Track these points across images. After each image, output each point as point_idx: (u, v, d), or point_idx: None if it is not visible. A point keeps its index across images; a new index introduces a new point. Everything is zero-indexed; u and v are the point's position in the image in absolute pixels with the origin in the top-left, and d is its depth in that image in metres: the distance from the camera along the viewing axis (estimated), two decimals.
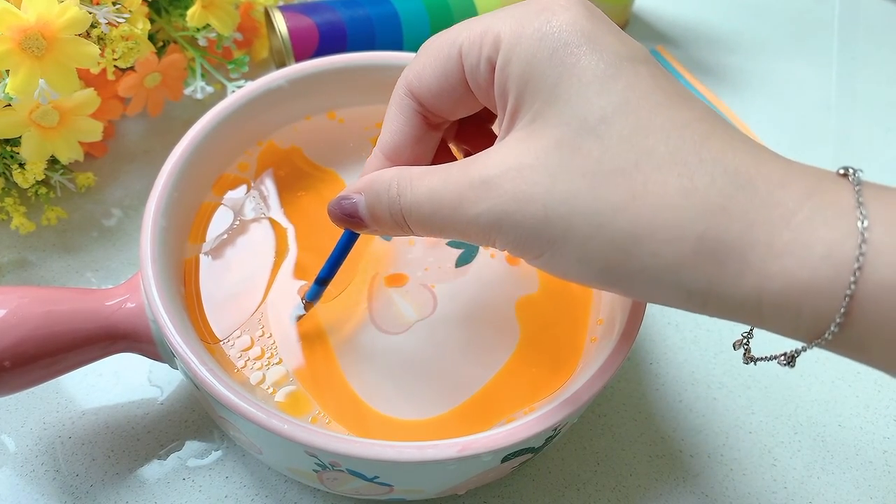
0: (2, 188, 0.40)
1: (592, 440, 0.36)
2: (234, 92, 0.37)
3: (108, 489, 0.33)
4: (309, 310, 0.32)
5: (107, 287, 0.34)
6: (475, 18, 0.25)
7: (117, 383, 0.36)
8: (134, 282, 0.31)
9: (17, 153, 0.39)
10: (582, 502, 0.34)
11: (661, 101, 0.22)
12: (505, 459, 0.28)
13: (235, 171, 0.37)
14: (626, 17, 0.57)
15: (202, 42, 0.43)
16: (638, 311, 0.30)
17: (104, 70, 0.38)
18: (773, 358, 0.24)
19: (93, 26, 0.36)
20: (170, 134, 0.46)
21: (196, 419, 0.35)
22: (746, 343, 0.26)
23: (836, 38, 0.59)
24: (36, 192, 0.41)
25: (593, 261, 0.22)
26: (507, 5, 0.24)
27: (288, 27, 0.44)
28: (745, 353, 0.26)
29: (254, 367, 0.31)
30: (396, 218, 0.26)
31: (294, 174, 0.38)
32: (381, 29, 0.45)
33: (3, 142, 0.39)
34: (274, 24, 0.44)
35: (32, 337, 0.29)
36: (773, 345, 0.25)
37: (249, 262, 0.34)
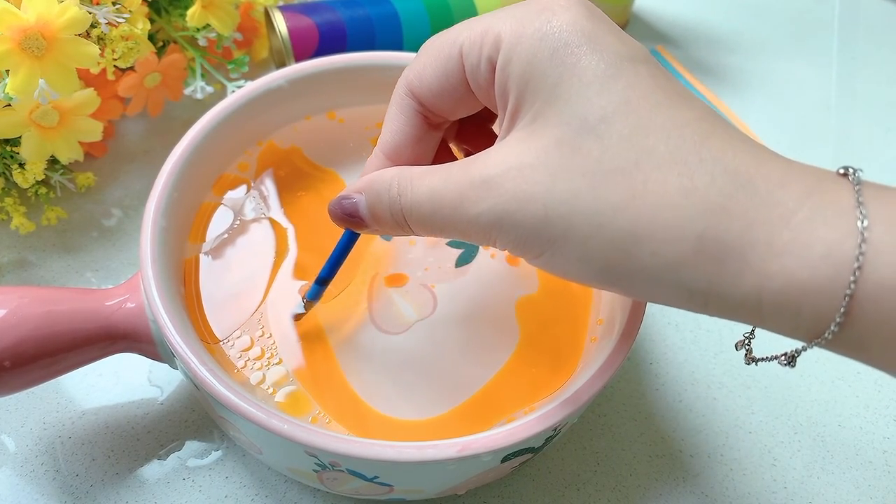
0: (2, 188, 0.40)
1: (592, 440, 0.36)
2: (234, 92, 0.37)
3: (108, 489, 0.33)
4: (309, 309, 0.32)
5: (107, 287, 0.34)
6: (476, 18, 0.25)
7: (117, 383, 0.36)
8: (134, 282, 0.31)
9: (17, 153, 0.39)
10: (582, 502, 0.34)
11: (662, 100, 0.22)
12: (505, 459, 0.28)
13: (235, 171, 0.37)
14: (626, 17, 0.57)
15: (202, 42, 0.43)
16: (638, 311, 0.30)
17: (104, 70, 0.38)
18: (774, 358, 0.24)
19: (93, 26, 0.36)
20: (170, 134, 0.46)
21: (196, 419, 0.35)
22: (748, 344, 0.26)
23: (836, 38, 0.59)
24: (36, 192, 0.41)
25: (593, 260, 0.22)
26: (508, 5, 0.24)
27: (288, 27, 0.44)
28: (746, 353, 0.26)
29: (254, 368, 0.31)
30: (397, 217, 0.26)
31: (294, 174, 0.38)
32: (381, 29, 0.45)
33: (3, 142, 0.39)
34: (274, 24, 0.44)
35: (32, 337, 0.29)
36: (774, 345, 0.25)
37: (249, 262, 0.34)
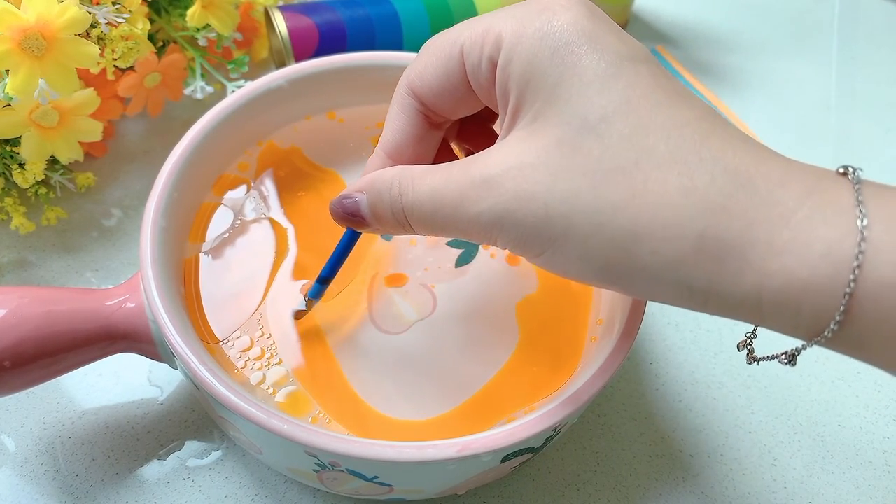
0: (2, 188, 0.40)
1: (592, 440, 0.36)
2: (234, 92, 0.37)
3: (108, 489, 0.33)
4: (311, 307, 0.32)
5: (107, 287, 0.34)
6: (476, 18, 0.25)
7: (117, 383, 0.36)
8: (134, 282, 0.31)
9: (17, 153, 0.39)
10: (582, 502, 0.34)
11: (662, 100, 0.22)
12: (505, 459, 0.28)
13: (235, 171, 0.37)
14: (626, 17, 0.57)
15: (202, 42, 0.43)
16: (638, 310, 0.30)
17: (104, 70, 0.38)
18: (775, 357, 0.24)
19: (93, 26, 0.36)
20: (170, 134, 0.46)
21: (196, 419, 0.35)
22: (750, 343, 0.26)
23: (836, 38, 0.59)
24: (36, 192, 0.41)
25: (594, 259, 0.22)
26: (508, 5, 0.24)
27: (288, 27, 0.44)
28: (748, 353, 0.26)
29: (254, 368, 0.31)
30: (398, 217, 0.26)
31: (294, 174, 0.38)
32: (381, 29, 0.45)
33: (3, 142, 0.39)
34: (274, 24, 0.44)
35: (32, 337, 0.29)
36: (775, 345, 0.25)
37: (249, 262, 0.34)
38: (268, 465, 0.34)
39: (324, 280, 0.31)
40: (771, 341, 0.26)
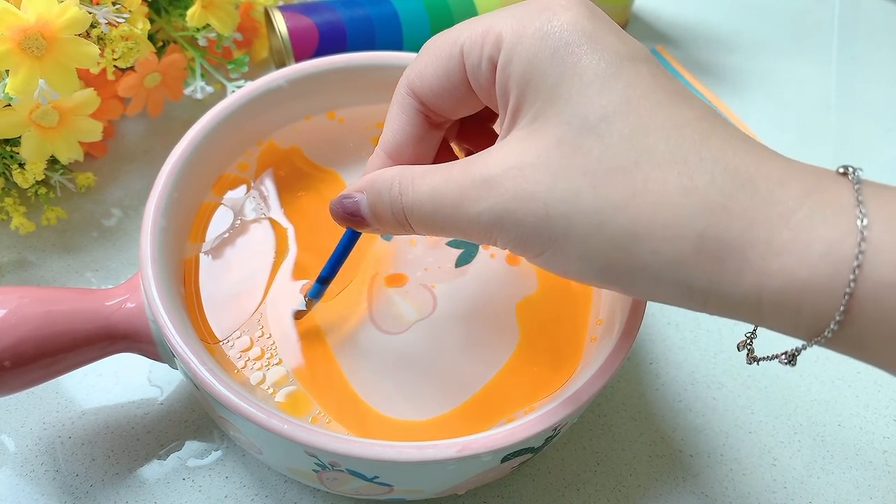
0: (2, 188, 0.40)
1: (592, 440, 0.36)
2: (233, 92, 0.37)
3: (108, 489, 0.33)
4: (311, 307, 0.32)
5: (107, 287, 0.34)
6: (476, 18, 0.25)
7: (117, 383, 0.36)
8: (134, 282, 0.31)
9: (17, 153, 0.39)
10: (582, 502, 0.34)
11: (662, 99, 0.22)
12: (505, 459, 0.28)
13: (235, 171, 0.37)
14: (626, 17, 0.57)
15: (202, 42, 0.43)
16: (638, 310, 0.30)
17: (104, 70, 0.38)
18: (775, 357, 0.24)
19: (93, 26, 0.36)
20: (170, 134, 0.46)
21: (196, 419, 0.35)
22: (750, 343, 0.26)
23: (836, 38, 0.59)
24: (36, 192, 0.41)
25: (594, 259, 0.22)
26: (508, 5, 0.24)
27: (288, 27, 0.44)
28: (748, 353, 0.26)
29: (254, 368, 0.31)
30: (398, 217, 0.26)
31: (294, 174, 0.38)
32: (381, 29, 0.45)
33: (3, 142, 0.39)
34: (274, 24, 0.44)
35: (32, 337, 0.29)
36: (775, 345, 0.25)
37: (249, 262, 0.34)
38: (268, 465, 0.34)
39: (324, 280, 0.31)
40: (771, 341, 0.26)
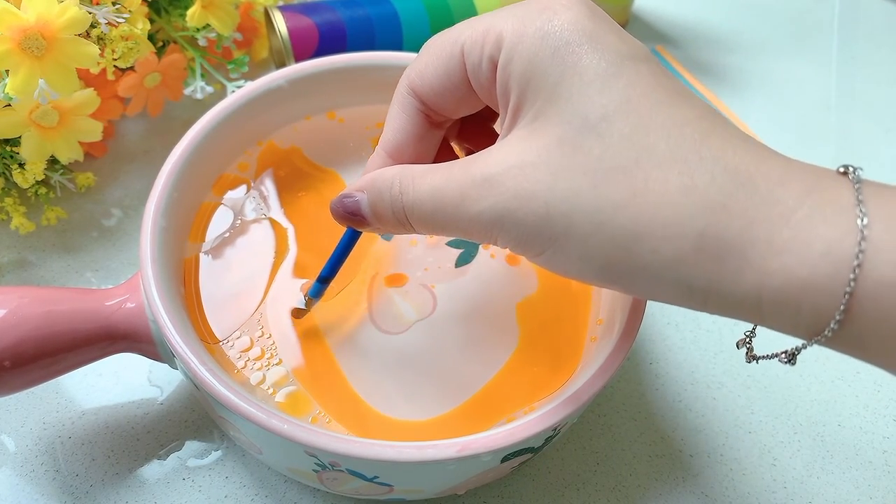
0: (2, 188, 0.40)
1: (592, 440, 0.36)
2: (233, 92, 0.37)
3: (108, 489, 0.33)
4: (311, 306, 0.32)
5: (107, 287, 0.34)
6: (477, 17, 0.25)
7: (117, 383, 0.36)
8: (134, 282, 0.31)
9: (17, 153, 0.38)
10: (582, 502, 0.34)
11: (662, 99, 0.22)
12: (504, 459, 0.28)
13: (235, 171, 0.37)
14: (626, 17, 0.57)
15: (202, 42, 0.43)
16: (638, 310, 0.30)
17: (104, 70, 0.38)
18: (774, 356, 0.24)
19: (93, 26, 0.36)
20: (170, 134, 0.46)
21: (196, 419, 0.35)
22: (749, 342, 0.26)
23: (836, 38, 0.59)
24: (36, 192, 0.41)
25: (594, 258, 0.22)
26: (508, 4, 0.24)
27: (288, 27, 0.44)
28: (747, 351, 0.26)
29: (254, 368, 0.31)
30: (399, 216, 0.26)
31: (294, 174, 0.38)
32: (380, 29, 0.45)
33: (3, 142, 0.39)
34: (274, 24, 0.44)
35: (32, 337, 0.29)
36: (775, 343, 0.25)
37: (249, 262, 0.34)
38: (268, 465, 0.34)
39: (324, 279, 0.31)
40: (771, 340, 0.26)
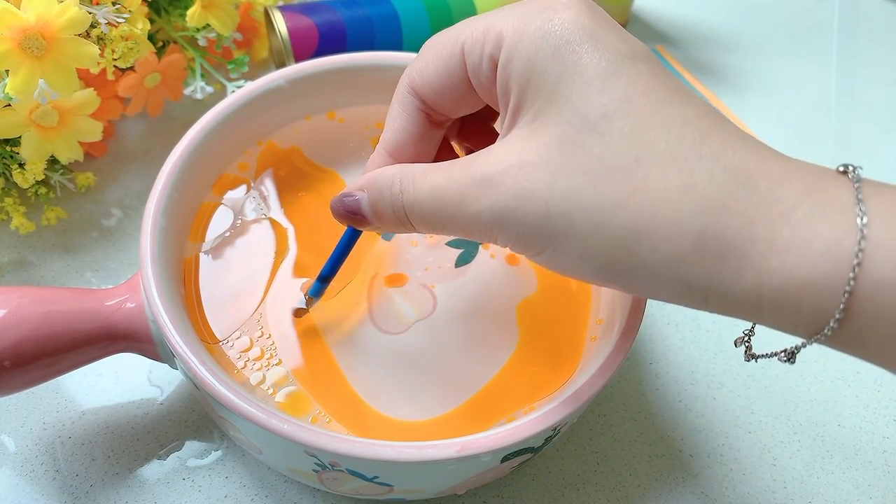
0: (2, 188, 0.40)
1: (592, 440, 0.36)
2: (233, 92, 0.37)
3: (108, 489, 0.33)
4: (311, 306, 0.32)
5: (107, 287, 0.34)
6: (477, 17, 0.25)
7: (117, 383, 0.36)
8: (134, 282, 0.31)
9: (17, 153, 0.39)
10: (582, 502, 0.34)
11: (662, 98, 0.22)
12: (504, 459, 0.28)
13: (235, 171, 0.37)
14: (625, 17, 0.57)
15: (202, 42, 0.43)
16: (638, 310, 0.30)
17: (104, 70, 0.38)
18: (774, 355, 0.24)
19: (93, 26, 0.36)
20: (170, 134, 0.46)
21: (196, 419, 0.35)
22: (748, 340, 0.26)
23: (835, 38, 0.59)
24: (36, 192, 0.41)
25: (594, 257, 0.22)
26: (508, 4, 0.24)
27: (288, 27, 0.44)
28: (746, 350, 0.26)
29: (254, 368, 0.31)
30: (399, 215, 0.26)
31: (294, 174, 0.38)
32: (380, 29, 0.45)
33: (3, 142, 0.39)
34: (274, 24, 0.44)
35: (32, 337, 0.29)
36: (774, 342, 0.25)
37: (249, 262, 0.34)
38: (268, 465, 0.34)
39: (324, 278, 0.31)
40: (770, 339, 0.26)
